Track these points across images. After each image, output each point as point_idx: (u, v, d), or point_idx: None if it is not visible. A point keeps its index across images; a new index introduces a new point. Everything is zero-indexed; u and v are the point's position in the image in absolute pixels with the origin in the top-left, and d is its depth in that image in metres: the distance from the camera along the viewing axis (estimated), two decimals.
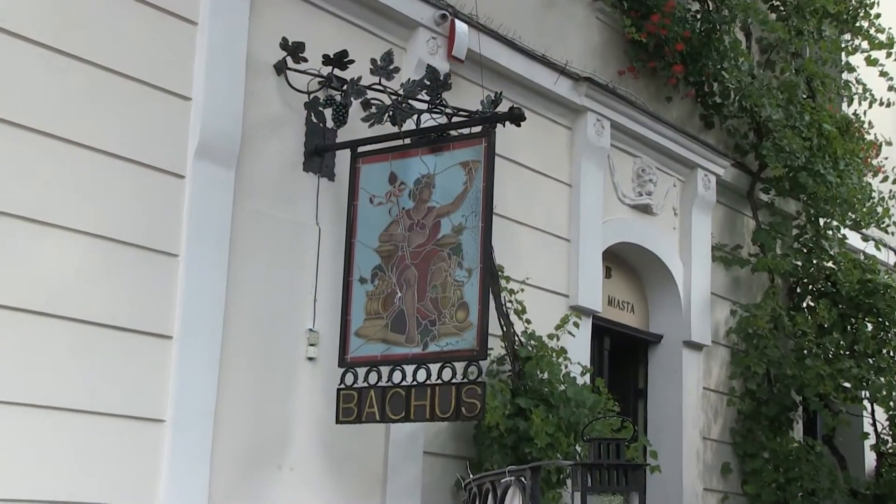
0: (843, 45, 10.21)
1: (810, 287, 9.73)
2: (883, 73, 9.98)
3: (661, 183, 8.57)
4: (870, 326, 9.35)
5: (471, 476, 5.68)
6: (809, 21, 9.69)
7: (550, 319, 7.06)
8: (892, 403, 9.11)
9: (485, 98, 5.68)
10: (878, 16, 10.06)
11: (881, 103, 10.12)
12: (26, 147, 4.86)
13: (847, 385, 9.06)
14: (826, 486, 8.86)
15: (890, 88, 10.04)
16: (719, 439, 9.06)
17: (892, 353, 9.25)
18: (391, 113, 5.81)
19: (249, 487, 5.58)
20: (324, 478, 5.90)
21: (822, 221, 9.68)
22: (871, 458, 10.09)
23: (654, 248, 8.54)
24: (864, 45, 10.11)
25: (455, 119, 5.75)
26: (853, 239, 10.35)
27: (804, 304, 9.74)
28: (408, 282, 5.60)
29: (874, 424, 9.70)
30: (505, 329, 6.62)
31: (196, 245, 5.39)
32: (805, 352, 9.11)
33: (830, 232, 9.71)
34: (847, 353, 9.25)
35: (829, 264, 9.56)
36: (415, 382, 5.45)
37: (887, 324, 9.30)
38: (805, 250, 9.65)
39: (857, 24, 10.05)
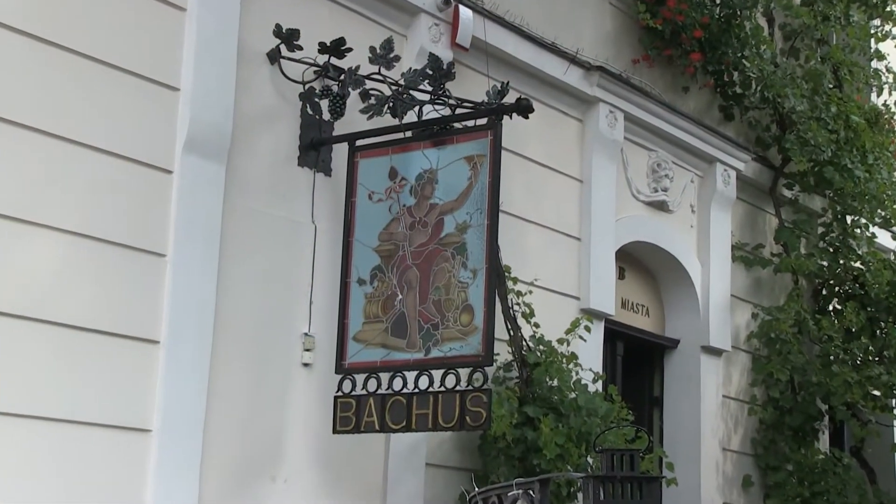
0: (872, 31, 10.22)
1: (837, 289, 9.75)
2: None
3: (677, 178, 8.59)
4: None
5: (476, 489, 5.70)
6: (836, 5, 9.71)
7: (560, 323, 7.08)
8: None
9: (491, 88, 5.70)
10: None
11: None
12: (3, 140, 4.87)
13: (876, 393, 9.06)
14: (854, 501, 8.87)
15: None
16: (740, 450, 9.08)
17: None
18: (391, 104, 5.83)
19: (241, 501, 5.60)
20: (320, 490, 5.92)
21: (849, 219, 9.70)
22: None
23: (670, 247, 8.56)
24: (895, 31, 10.12)
25: (459, 111, 5.77)
26: (883, 238, 10.36)
27: (830, 307, 9.76)
28: (409, 283, 5.62)
29: None
30: (512, 333, 6.63)
31: (184, 244, 5.41)
32: (831, 358, 9.12)
33: (858, 230, 9.72)
34: (876, 358, 9.26)
35: (857, 264, 9.57)
36: (416, 390, 5.47)
37: None
38: (831, 250, 9.66)
39: (888, 9, 10.06)
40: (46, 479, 4.87)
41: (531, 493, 5.07)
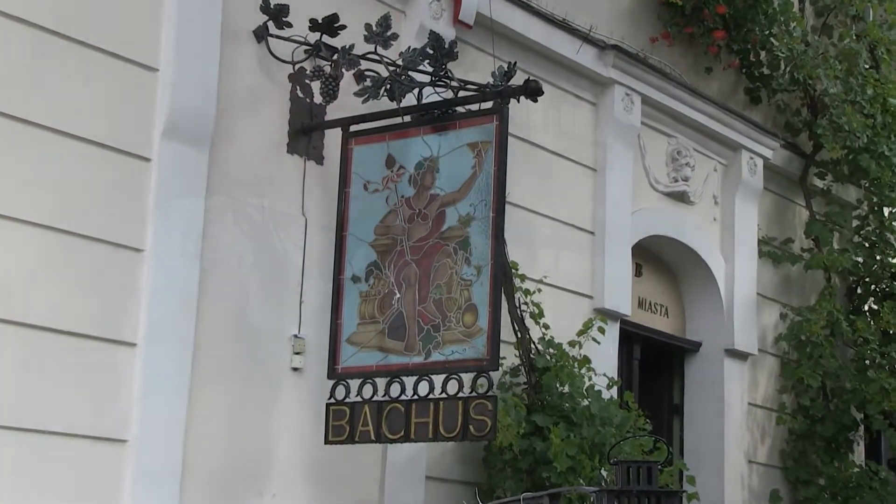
0: None
1: (873, 287, 9.76)
2: None
3: (699, 167, 8.59)
4: None
5: None
6: None
7: (572, 324, 7.08)
8: None
9: (496, 69, 5.70)
10: None
11: None
12: None
13: None
14: None
15: None
16: (767, 463, 9.09)
17: None
18: (388, 86, 5.83)
19: None
20: None
21: (886, 211, 9.70)
22: None
23: (691, 242, 8.57)
24: None
25: (462, 93, 5.77)
26: None
27: (866, 307, 9.77)
28: (407, 281, 5.63)
29: None
30: (519, 335, 6.65)
31: (163, 238, 5.41)
32: (867, 362, 9.13)
33: None
34: None
35: (895, 261, 9.57)
36: (416, 396, 5.48)
37: None
38: (867, 244, 9.67)
39: None
40: (12, 493, 4.86)
41: None
